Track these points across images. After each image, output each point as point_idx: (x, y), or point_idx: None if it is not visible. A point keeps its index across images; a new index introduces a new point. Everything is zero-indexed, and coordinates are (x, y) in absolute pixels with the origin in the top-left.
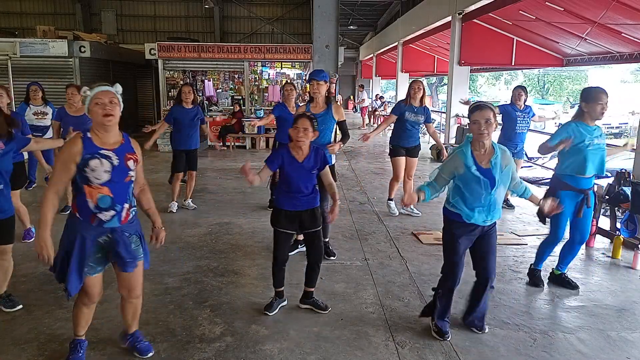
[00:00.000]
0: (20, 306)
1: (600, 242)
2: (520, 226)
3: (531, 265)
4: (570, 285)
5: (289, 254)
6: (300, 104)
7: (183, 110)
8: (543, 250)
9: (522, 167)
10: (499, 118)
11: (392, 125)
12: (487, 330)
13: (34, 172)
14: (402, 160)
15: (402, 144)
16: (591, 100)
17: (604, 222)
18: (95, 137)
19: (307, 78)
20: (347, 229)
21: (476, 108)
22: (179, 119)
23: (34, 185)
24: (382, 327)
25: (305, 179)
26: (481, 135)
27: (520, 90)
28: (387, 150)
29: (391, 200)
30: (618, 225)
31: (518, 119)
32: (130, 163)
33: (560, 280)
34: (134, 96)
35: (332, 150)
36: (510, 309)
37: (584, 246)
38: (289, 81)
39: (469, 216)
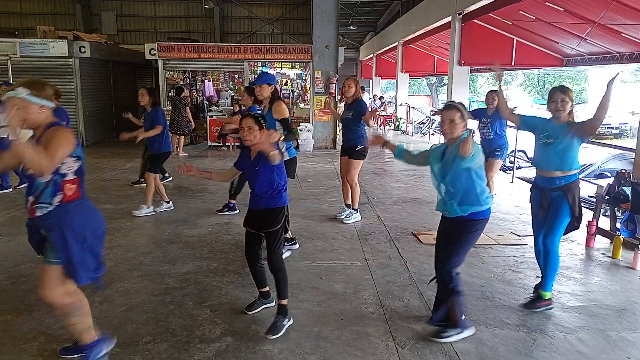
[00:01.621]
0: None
1: (600, 242)
2: (520, 226)
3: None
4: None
5: None
6: (258, 108)
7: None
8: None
9: (520, 168)
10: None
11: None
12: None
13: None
14: (343, 160)
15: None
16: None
17: (604, 222)
18: None
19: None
20: (347, 229)
21: (444, 107)
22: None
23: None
24: (382, 327)
25: (255, 178)
26: (444, 134)
27: (493, 94)
28: (386, 151)
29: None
30: (618, 225)
31: (481, 124)
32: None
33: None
34: (134, 96)
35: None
36: (510, 309)
37: (584, 246)
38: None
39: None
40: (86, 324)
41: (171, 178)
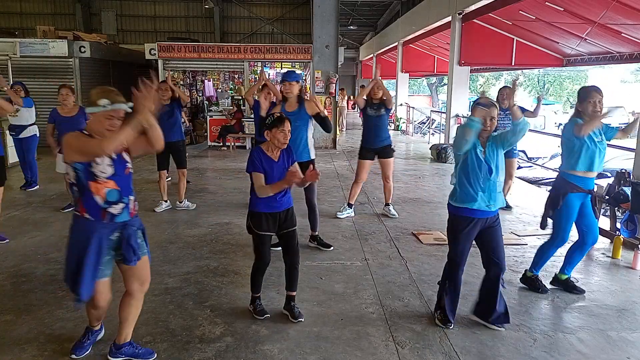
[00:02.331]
0: None
1: (600, 242)
2: (520, 226)
3: (526, 271)
4: (578, 291)
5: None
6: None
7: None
8: (545, 254)
9: (520, 168)
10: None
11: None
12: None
13: (34, 173)
14: (367, 164)
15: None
16: (583, 98)
17: (604, 222)
18: (92, 134)
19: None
20: (347, 229)
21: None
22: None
23: (35, 187)
24: (382, 327)
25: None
26: (486, 130)
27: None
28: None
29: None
30: (618, 225)
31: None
32: (125, 155)
33: (566, 285)
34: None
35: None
36: (510, 309)
37: None
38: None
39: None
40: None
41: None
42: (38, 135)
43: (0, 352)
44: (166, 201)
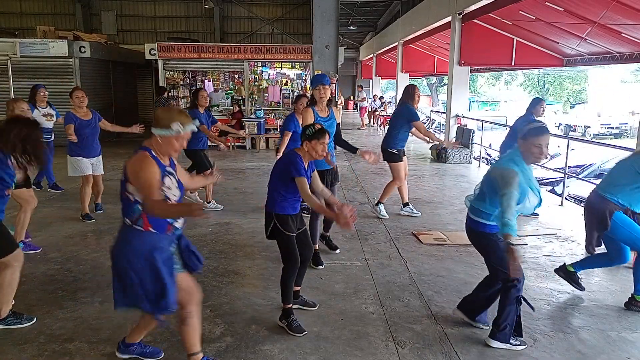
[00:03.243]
0: (34, 320)
1: None
2: (520, 226)
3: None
4: (578, 286)
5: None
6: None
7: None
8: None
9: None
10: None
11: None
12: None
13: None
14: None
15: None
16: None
17: None
18: (158, 155)
19: (309, 82)
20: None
21: (542, 131)
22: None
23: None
24: (382, 327)
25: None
26: (540, 158)
27: (542, 102)
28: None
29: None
30: None
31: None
32: (180, 177)
33: (569, 278)
34: (134, 97)
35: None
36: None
37: (584, 247)
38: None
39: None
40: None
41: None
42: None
43: (0, 352)
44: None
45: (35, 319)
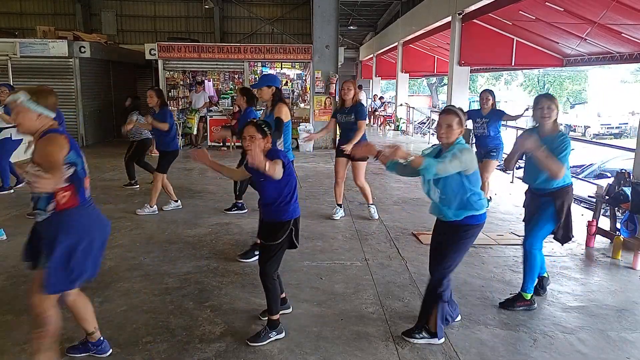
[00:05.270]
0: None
1: (600, 242)
2: (520, 226)
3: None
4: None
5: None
6: (256, 109)
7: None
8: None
9: (519, 168)
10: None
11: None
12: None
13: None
14: (340, 161)
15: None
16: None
17: (604, 222)
18: None
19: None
20: (347, 229)
21: (442, 111)
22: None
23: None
24: (382, 327)
25: (261, 188)
26: (440, 138)
27: (487, 93)
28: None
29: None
30: (618, 225)
31: (475, 124)
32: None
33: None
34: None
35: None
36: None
37: (584, 246)
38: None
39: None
40: (50, 343)
41: (138, 187)
42: (15, 139)
43: (0, 352)
44: (176, 201)
45: None
